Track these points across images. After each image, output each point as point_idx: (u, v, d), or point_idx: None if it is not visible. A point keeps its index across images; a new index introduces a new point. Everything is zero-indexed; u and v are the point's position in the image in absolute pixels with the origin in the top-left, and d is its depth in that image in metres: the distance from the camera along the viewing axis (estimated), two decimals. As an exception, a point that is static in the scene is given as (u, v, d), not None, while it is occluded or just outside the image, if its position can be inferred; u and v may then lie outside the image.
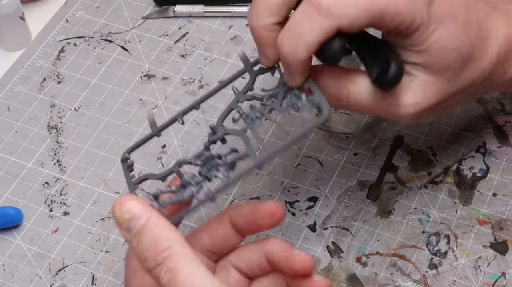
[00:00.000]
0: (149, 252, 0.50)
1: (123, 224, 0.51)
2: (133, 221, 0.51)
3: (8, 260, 0.71)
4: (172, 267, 0.50)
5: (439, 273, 0.69)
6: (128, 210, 0.51)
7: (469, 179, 0.74)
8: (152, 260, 0.50)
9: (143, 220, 0.51)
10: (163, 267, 0.50)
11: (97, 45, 0.85)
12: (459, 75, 0.61)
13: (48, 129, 0.79)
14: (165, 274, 0.50)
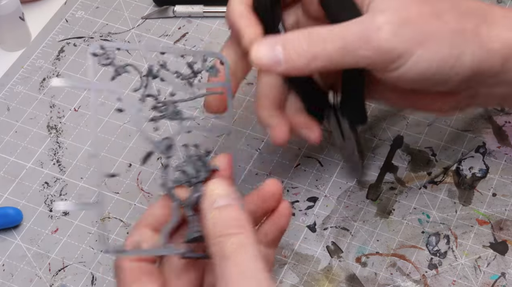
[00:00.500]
0: (225, 222, 0.54)
1: (212, 196, 0.56)
2: (221, 198, 0.56)
3: (8, 260, 0.71)
4: (241, 242, 0.53)
5: (439, 273, 0.69)
6: (222, 188, 0.57)
7: (468, 179, 0.74)
8: (224, 229, 0.54)
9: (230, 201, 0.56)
10: (230, 238, 0.53)
11: (97, 45, 0.85)
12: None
13: (47, 129, 0.79)
14: (232, 245, 0.53)
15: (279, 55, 0.60)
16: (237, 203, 0.56)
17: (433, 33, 0.60)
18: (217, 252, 0.54)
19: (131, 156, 0.77)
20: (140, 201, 0.74)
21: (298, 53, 0.59)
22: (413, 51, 0.59)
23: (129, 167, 0.76)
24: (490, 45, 0.61)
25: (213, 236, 0.54)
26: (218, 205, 0.56)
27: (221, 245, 0.53)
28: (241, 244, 0.53)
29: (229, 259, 0.53)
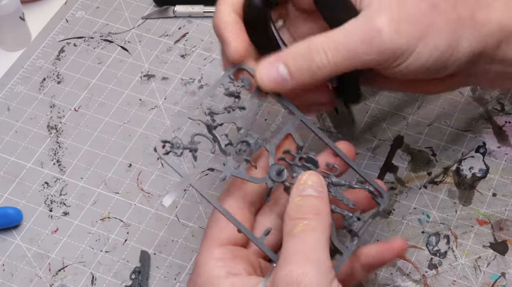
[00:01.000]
0: (304, 207, 0.56)
1: (302, 185, 0.58)
2: (310, 188, 0.57)
3: (8, 260, 0.71)
4: (313, 226, 0.55)
5: (439, 273, 0.69)
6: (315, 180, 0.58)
7: (469, 179, 0.74)
8: (302, 213, 0.56)
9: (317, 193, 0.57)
10: (304, 220, 0.55)
11: (97, 45, 0.85)
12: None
13: (48, 129, 0.79)
14: (303, 226, 0.55)
15: (284, 74, 0.60)
16: (324, 196, 0.58)
17: (432, 25, 0.60)
18: (288, 230, 0.55)
19: (131, 156, 0.77)
20: (140, 201, 0.74)
21: (301, 69, 0.59)
22: (414, 46, 0.59)
23: (129, 167, 0.76)
24: (485, 29, 0.62)
25: (290, 217, 0.56)
26: (306, 193, 0.57)
27: (294, 226, 0.55)
28: (311, 227, 0.55)
29: (296, 237, 0.55)
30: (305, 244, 0.54)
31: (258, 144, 0.61)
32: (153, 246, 0.71)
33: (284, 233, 0.56)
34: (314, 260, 0.53)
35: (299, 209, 0.57)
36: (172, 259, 0.70)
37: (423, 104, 0.79)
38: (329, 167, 0.61)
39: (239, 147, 0.61)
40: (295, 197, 0.57)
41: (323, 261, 0.54)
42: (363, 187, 0.61)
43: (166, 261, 0.70)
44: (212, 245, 0.58)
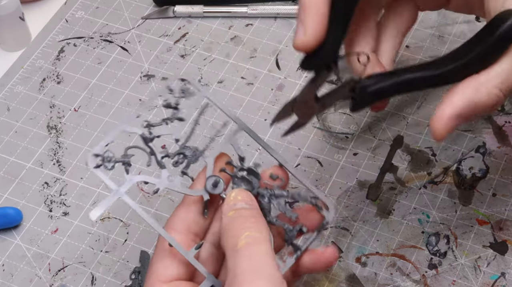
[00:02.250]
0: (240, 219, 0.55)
1: (232, 201, 0.57)
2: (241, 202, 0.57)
3: (8, 260, 0.71)
4: (256, 237, 0.53)
5: (439, 273, 0.69)
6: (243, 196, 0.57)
7: (468, 179, 0.74)
8: (240, 224, 0.55)
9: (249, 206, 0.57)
10: (245, 232, 0.54)
11: (97, 45, 0.85)
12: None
13: (47, 129, 0.79)
14: (245, 238, 0.53)
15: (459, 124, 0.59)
16: (255, 207, 0.57)
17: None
18: (230, 245, 0.54)
19: (131, 156, 0.77)
20: (140, 201, 0.74)
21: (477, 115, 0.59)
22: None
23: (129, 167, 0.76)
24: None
25: (227, 231, 0.55)
26: (238, 206, 0.56)
27: (235, 239, 0.53)
28: (254, 238, 0.53)
29: (242, 253, 0.53)
30: (253, 260, 0.52)
31: (196, 155, 0.60)
32: (153, 246, 0.71)
33: (227, 250, 0.54)
34: (266, 276, 0.52)
35: (235, 221, 0.55)
36: (172, 259, 0.70)
37: (423, 104, 0.79)
38: (273, 178, 0.60)
39: (176, 158, 0.60)
40: (227, 212, 0.56)
41: (274, 274, 0.52)
42: (305, 201, 0.60)
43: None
44: (156, 282, 0.57)
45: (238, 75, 0.82)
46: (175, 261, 0.57)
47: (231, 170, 0.60)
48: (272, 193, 0.59)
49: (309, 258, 0.59)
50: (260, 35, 0.85)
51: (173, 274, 0.57)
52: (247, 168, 0.60)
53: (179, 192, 0.59)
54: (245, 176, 0.60)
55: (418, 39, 0.83)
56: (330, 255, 0.58)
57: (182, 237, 0.58)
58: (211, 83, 0.81)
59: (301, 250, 0.58)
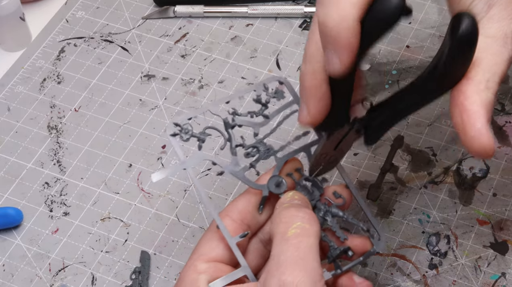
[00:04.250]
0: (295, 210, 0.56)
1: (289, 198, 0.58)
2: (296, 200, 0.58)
3: (8, 260, 0.71)
4: (307, 229, 0.55)
5: (439, 273, 0.69)
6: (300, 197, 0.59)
7: (469, 179, 0.74)
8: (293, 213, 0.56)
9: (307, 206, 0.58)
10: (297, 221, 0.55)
11: (97, 45, 0.85)
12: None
13: (48, 129, 0.79)
14: (297, 229, 0.55)
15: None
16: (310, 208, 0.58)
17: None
18: (281, 231, 0.55)
19: (131, 156, 0.77)
20: (140, 201, 0.74)
21: None
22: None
23: (129, 167, 0.76)
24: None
25: (280, 217, 0.56)
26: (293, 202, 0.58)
27: (287, 227, 0.55)
28: (305, 230, 0.55)
29: (290, 242, 0.54)
30: (299, 251, 0.54)
31: (269, 153, 0.62)
32: (153, 246, 0.71)
33: (275, 235, 0.55)
34: (308, 269, 0.53)
35: (288, 210, 0.57)
36: (172, 259, 0.70)
37: (423, 104, 0.79)
38: (336, 196, 0.62)
39: (249, 151, 0.62)
40: (282, 204, 0.58)
41: (316, 269, 0.54)
42: (358, 224, 0.61)
43: (167, 261, 0.70)
44: (198, 260, 0.58)
45: (238, 75, 0.82)
46: (221, 244, 0.58)
47: (298, 177, 0.61)
48: (329, 209, 0.61)
49: (345, 281, 0.60)
50: (261, 35, 0.85)
51: (216, 255, 0.58)
52: (312, 179, 0.61)
53: (240, 179, 0.60)
54: (308, 186, 0.61)
55: (418, 39, 0.83)
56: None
57: (235, 225, 0.59)
58: (212, 84, 0.81)
59: (342, 269, 0.60)
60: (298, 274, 0.53)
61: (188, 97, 0.80)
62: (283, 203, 0.58)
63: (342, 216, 0.61)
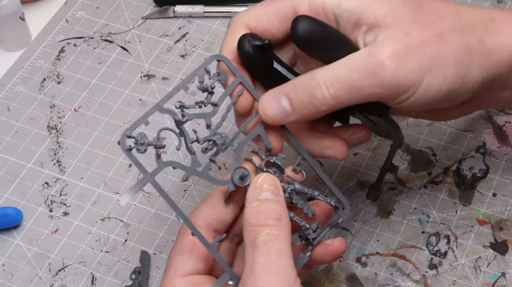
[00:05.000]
0: (263, 214, 0.56)
1: (258, 189, 0.58)
2: (266, 192, 0.57)
3: (8, 260, 0.71)
4: (276, 235, 0.55)
5: (439, 273, 0.69)
6: (271, 182, 0.58)
7: (469, 179, 0.74)
8: (262, 219, 0.56)
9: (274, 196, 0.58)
10: (267, 229, 0.55)
11: (97, 45, 0.85)
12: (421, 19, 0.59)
13: (48, 129, 0.79)
14: (266, 236, 0.55)
15: (287, 107, 0.59)
16: (281, 199, 0.58)
17: (438, 57, 0.59)
18: (251, 240, 0.55)
19: (131, 156, 0.77)
20: (140, 201, 0.74)
21: (303, 103, 0.59)
22: (421, 81, 0.58)
23: (129, 167, 0.76)
24: (496, 55, 0.60)
25: (250, 224, 0.56)
26: (263, 197, 0.57)
27: (256, 234, 0.55)
28: (275, 236, 0.55)
29: (260, 249, 0.54)
30: (270, 256, 0.54)
31: (226, 144, 0.60)
32: (153, 246, 0.71)
33: (246, 242, 0.56)
34: (281, 274, 0.54)
35: (258, 215, 0.56)
36: (172, 259, 0.70)
37: (423, 104, 0.79)
38: (295, 172, 0.61)
39: (206, 145, 0.59)
40: (252, 201, 0.57)
41: (289, 272, 0.54)
42: (325, 200, 0.61)
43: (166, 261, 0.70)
44: (174, 277, 0.58)
45: (238, 75, 0.82)
46: (193, 256, 0.58)
47: (258, 160, 0.60)
48: (294, 187, 0.60)
49: (319, 250, 0.60)
50: (260, 35, 0.85)
51: (191, 269, 0.58)
52: (272, 161, 0.60)
53: (205, 179, 0.59)
54: (269, 169, 0.60)
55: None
56: (338, 246, 0.60)
57: (203, 233, 0.59)
58: (211, 83, 0.81)
59: (313, 245, 0.60)
60: (271, 280, 0.53)
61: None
62: (252, 200, 0.57)
63: (307, 193, 0.60)
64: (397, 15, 0.59)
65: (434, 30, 0.59)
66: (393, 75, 0.58)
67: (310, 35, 0.58)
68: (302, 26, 0.57)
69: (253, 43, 0.59)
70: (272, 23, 0.61)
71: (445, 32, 0.59)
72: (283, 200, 0.58)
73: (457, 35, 0.60)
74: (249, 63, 0.60)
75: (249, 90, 0.60)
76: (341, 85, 0.58)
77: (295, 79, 0.60)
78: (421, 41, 0.58)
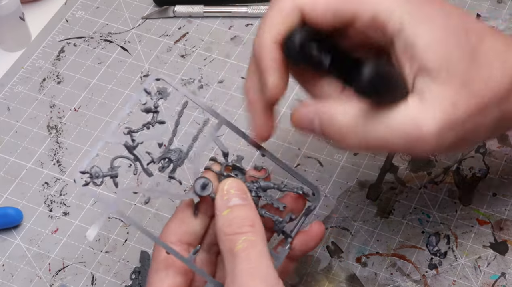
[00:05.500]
0: (236, 221, 0.56)
1: (226, 195, 0.58)
2: (235, 197, 0.58)
3: (8, 260, 0.71)
4: (252, 241, 0.55)
5: (439, 273, 0.69)
6: (237, 187, 0.58)
7: (469, 179, 0.74)
8: (237, 227, 0.56)
9: (243, 201, 0.58)
10: (242, 236, 0.55)
11: (97, 45, 0.85)
12: (472, 83, 0.56)
13: (48, 129, 0.79)
14: (243, 243, 0.55)
15: (317, 129, 0.58)
16: (250, 203, 0.58)
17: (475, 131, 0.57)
18: (228, 248, 0.55)
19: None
20: (140, 201, 0.74)
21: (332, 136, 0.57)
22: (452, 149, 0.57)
23: (129, 167, 0.76)
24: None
25: (224, 233, 0.56)
26: (232, 203, 0.57)
27: (233, 243, 0.55)
28: (251, 242, 0.55)
29: (239, 256, 0.55)
30: (250, 262, 0.54)
31: (181, 158, 0.60)
32: (153, 246, 0.71)
33: (224, 250, 0.56)
34: (263, 277, 0.54)
35: (231, 224, 0.56)
36: (172, 259, 0.70)
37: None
38: (258, 169, 0.61)
39: (161, 164, 0.60)
40: (222, 209, 0.57)
41: (270, 274, 0.55)
42: (292, 190, 0.61)
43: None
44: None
45: (238, 75, 0.82)
46: (170, 272, 0.59)
47: (217, 167, 0.60)
48: (259, 185, 0.60)
49: (299, 240, 0.61)
50: (260, 35, 0.85)
51: (170, 284, 0.58)
52: (232, 164, 0.60)
53: (168, 197, 0.59)
54: (230, 173, 0.60)
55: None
56: (317, 230, 0.61)
57: (177, 248, 0.59)
58: (211, 83, 0.81)
59: (291, 236, 0.60)
60: (253, 284, 0.54)
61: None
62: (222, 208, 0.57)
63: (273, 187, 0.61)
64: (452, 71, 0.55)
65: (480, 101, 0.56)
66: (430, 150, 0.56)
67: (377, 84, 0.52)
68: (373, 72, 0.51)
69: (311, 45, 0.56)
70: (326, 18, 0.58)
71: (490, 104, 0.57)
72: (252, 203, 0.58)
73: (498, 106, 0.57)
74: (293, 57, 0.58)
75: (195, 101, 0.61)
76: (376, 142, 0.56)
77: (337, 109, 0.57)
78: (466, 115, 0.56)
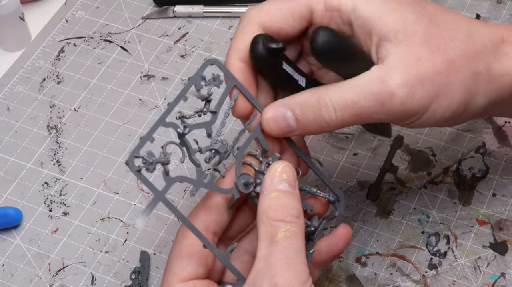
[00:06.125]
0: (283, 208, 0.56)
1: (278, 177, 0.57)
2: (285, 183, 0.57)
3: (8, 260, 0.71)
4: (295, 233, 0.55)
5: (439, 273, 0.69)
6: (289, 174, 0.57)
7: (468, 179, 0.74)
8: (282, 214, 0.56)
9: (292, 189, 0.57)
10: (286, 225, 0.55)
11: (97, 45, 0.85)
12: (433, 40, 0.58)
13: (47, 129, 0.79)
14: (286, 232, 0.55)
15: (291, 123, 0.59)
16: (298, 193, 0.57)
17: (446, 85, 0.59)
18: (268, 233, 0.55)
19: (131, 156, 0.77)
20: (140, 201, 0.74)
21: (308, 120, 0.58)
22: (427, 108, 0.58)
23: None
24: (500, 81, 0.61)
25: (268, 217, 0.56)
26: (282, 188, 0.57)
27: (275, 229, 0.55)
28: (294, 233, 0.55)
29: (280, 245, 0.55)
30: (289, 253, 0.55)
31: (228, 151, 0.59)
32: (153, 246, 0.71)
33: (263, 235, 0.55)
34: (297, 271, 0.55)
35: (278, 209, 0.56)
36: (172, 259, 0.70)
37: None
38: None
39: (208, 154, 0.59)
40: (270, 191, 0.57)
41: (303, 270, 0.55)
42: (324, 196, 0.61)
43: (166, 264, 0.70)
44: (174, 281, 0.58)
45: (238, 75, 0.82)
46: (192, 260, 0.58)
47: (257, 163, 0.60)
48: None
49: (324, 244, 0.61)
50: (260, 35, 0.85)
51: (189, 274, 0.58)
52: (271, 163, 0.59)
53: (212, 190, 0.58)
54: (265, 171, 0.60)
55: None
56: (343, 233, 0.61)
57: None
58: (211, 83, 0.81)
59: (313, 240, 0.60)
60: (289, 276, 0.54)
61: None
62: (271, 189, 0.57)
63: (305, 189, 0.61)
64: (410, 32, 0.58)
65: (445, 55, 0.59)
66: (401, 105, 0.58)
67: (329, 48, 0.57)
68: (322, 38, 0.56)
69: (268, 46, 0.58)
70: (286, 21, 0.60)
71: (457, 59, 0.59)
72: (299, 195, 0.57)
73: (467, 63, 0.59)
74: (260, 64, 0.60)
75: (245, 95, 0.60)
76: (348, 109, 0.58)
77: (302, 95, 0.59)
78: (432, 69, 0.58)
